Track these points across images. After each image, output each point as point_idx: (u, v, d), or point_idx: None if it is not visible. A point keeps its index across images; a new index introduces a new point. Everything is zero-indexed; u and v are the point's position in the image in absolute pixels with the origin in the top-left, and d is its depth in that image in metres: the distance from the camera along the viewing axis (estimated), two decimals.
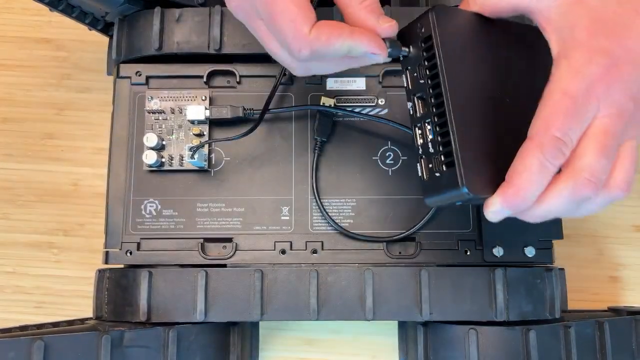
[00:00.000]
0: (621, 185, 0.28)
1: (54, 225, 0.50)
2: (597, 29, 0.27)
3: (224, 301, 0.39)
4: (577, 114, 0.26)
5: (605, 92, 0.27)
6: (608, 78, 0.27)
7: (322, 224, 0.41)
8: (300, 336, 0.47)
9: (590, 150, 0.27)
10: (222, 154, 0.42)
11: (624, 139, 0.28)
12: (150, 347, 0.37)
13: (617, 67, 0.27)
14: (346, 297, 0.39)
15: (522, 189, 0.27)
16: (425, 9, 0.30)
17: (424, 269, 0.39)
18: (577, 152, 0.27)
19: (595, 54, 0.27)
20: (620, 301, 0.49)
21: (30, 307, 0.49)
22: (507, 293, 0.38)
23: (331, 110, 0.41)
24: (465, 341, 0.38)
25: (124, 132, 0.42)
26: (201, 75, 0.42)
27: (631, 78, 0.27)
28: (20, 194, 0.51)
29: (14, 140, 0.52)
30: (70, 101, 0.53)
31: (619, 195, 0.28)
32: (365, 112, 0.41)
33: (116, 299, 0.40)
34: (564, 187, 0.27)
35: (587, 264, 0.49)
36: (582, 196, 0.27)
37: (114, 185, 0.41)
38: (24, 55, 0.54)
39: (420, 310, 0.38)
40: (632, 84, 0.27)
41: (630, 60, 0.27)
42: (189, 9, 0.43)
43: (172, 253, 0.40)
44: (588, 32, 0.27)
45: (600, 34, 0.27)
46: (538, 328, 0.38)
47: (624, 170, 0.28)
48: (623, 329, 0.40)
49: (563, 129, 0.26)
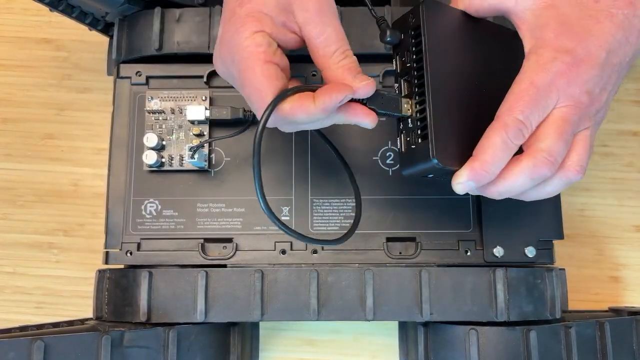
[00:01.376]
0: (576, 167, 0.31)
1: (54, 225, 0.50)
2: (563, 31, 0.31)
3: (224, 301, 0.39)
4: (538, 102, 0.30)
5: (565, 86, 0.30)
6: (569, 74, 0.30)
7: (323, 224, 0.41)
8: (300, 336, 0.47)
9: (550, 134, 0.30)
10: (223, 154, 0.42)
11: (579, 128, 0.31)
12: (151, 347, 0.37)
13: (577, 65, 0.30)
14: (346, 298, 0.39)
15: (486, 162, 0.30)
16: None
17: (425, 269, 0.39)
18: (537, 135, 0.31)
19: (560, 53, 0.31)
20: (620, 301, 0.49)
21: (30, 308, 0.49)
22: (508, 293, 0.38)
23: None
24: (465, 341, 0.38)
25: (124, 132, 0.42)
26: (201, 76, 0.42)
27: (588, 76, 0.31)
28: (20, 194, 0.51)
29: (14, 140, 0.52)
30: (71, 101, 0.53)
31: (574, 176, 0.31)
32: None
33: (116, 299, 0.40)
34: (525, 165, 0.30)
35: (587, 264, 0.49)
36: (540, 174, 0.30)
37: (114, 185, 0.41)
38: (24, 55, 0.54)
39: (420, 311, 0.38)
40: (589, 81, 0.31)
41: (589, 61, 0.31)
42: (189, 9, 0.43)
43: (172, 253, 0.40)
44: (555, 34, 0.31)
45: (566, 36, 0.31)
46: (539, 328, 0.38)
47: (578, 155, 0.31)
48: (624, 329, 0.40)
49: (525, 113, 0.30)
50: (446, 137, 0.31)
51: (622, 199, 0.50)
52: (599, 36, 0.31)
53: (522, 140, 0.31)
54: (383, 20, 0.35)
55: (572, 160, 0.31)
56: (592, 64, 0.31)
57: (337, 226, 0.41)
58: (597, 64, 0.31)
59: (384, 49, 0.42)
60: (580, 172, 0.31)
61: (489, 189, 0.32)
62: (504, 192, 0.32)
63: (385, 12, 0.42)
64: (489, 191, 0.32)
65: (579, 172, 0.31)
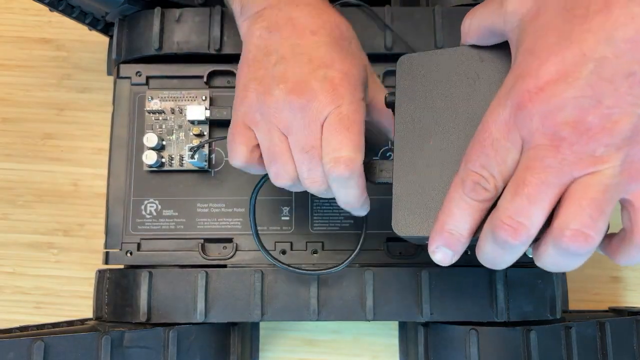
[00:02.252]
0: (567, 232, 0.22)
1: (54, 225, 0.50)
2: (533, 48, 0.24)
3: (224, 302, 0.39)
4: (492, 147, 0.24)
5: (529, 120, 0.23)
6: (530, 104, 0.23)
7: (323, 224, 0.41)
8: (300, 336, 0.47)
9: (508, 189, 0.24)
10: (223, 154, 0.42)
11: (570, 175, 0.22)
12: (151, 347, 0.37)
13: (542, 90, 0.22)
14: (346, 298, 0.39)
15: (445, 222, 0.26)
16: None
17: (425, 269, 0.39)
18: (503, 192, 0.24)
19: (522, 78, 0.23)
20: (621, 301, 0.49)
21: (30, 308, 0.49)
22: (508, 293, 0.38)
23: None
24: (465, 342, 0.38)
25: (124, 132, 0.42)
26: (201, 76, 0.42)
27: (563, 100, 0.22)
28: (20, 194, 0.51)
29: (14, 140, 0.52)
30: (70, 101, 0.53)
31: (568, 243, 0.23)
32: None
33: (116, 299, 0.40)
34: (486, 229, 0.25)
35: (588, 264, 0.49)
36: (502, 241, 0.24)
37: (114, 185, 0.41)
38: (24, 55, 0.54)
39: (420, 311, 0.38)
40: (566, 107, 0.22)
41: (562, 80, 0.22)
42: (189, 9, 0.43)
43: (172, 253, 0.40)
44: (525, 54, 0.24)
45: (536, 54, 0.23)
46: (539, 328, 0.38)
47: (569, 213, 0.22)
48: (624, 330, 0.40)
49: (479, 162, 0.24)
50: (415, 204, 0.28)
51: None
52: (582, 40, 0.22)
53: (484, 195, 0.25)
54: None
55: (560, 221, 0.23)
56: (567, 82, 0.22)
57: (337, 226, 0.41)
58: (577, 80, 0.22)
59: (384, 49, 0.42)
60: (575, 237, 0.22)
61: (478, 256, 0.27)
62: (483, 260, 0.27)
63: (385, 12, 0.42)
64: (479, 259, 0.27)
65: (574, 238, 0.22)
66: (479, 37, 0.28)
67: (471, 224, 0.25)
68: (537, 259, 0.25)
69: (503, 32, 0.26)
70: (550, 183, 0.23)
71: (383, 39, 0.42)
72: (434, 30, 0.42)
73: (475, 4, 0.43)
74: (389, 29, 0.42)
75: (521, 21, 0.25)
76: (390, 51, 0.42)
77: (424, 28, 0.42)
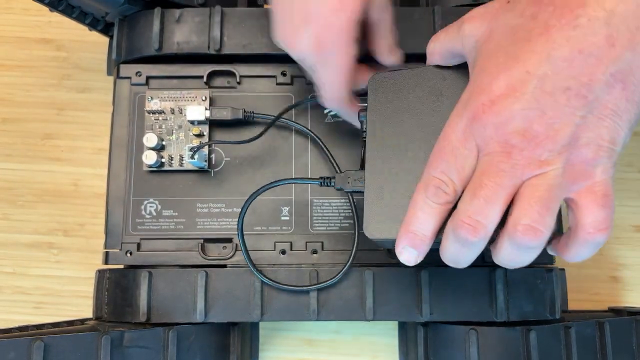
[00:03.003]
0: (519, 227, 0.25)
1: (54, 225, 0.50)
2: (485, 66, 0.27)
3: (224, 301, 0.39)
4: (453, 154, 0.27)
5: (482, 130, 0.26)
6: (483, 116, 0.25)
7: (323, 224, 0.41)
8: (300, 336, 0.47)
9: (467, 192, 0.27)
10: (222, 155, 0.42)
11: (522, 177, 0.25)
12: (150, 347, 0.37)
13: (494, 103, 0.25)
14: (346, 298, 0.39)
15: (409, 224, 0.28)
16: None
17: (424, 270, 0.39)
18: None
19: (475, 94, 0.26)
20: (620, 301, 0.49)
21: (30, 308, 0.49)
22: (508, 293, 0.38)
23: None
24: (465, 341, 0.38)
25: (124, 132, 0.42)
26: (201, 76, 0.42)
27: (511, 112, 0.25)
28: (20, 194, 0.51)
29: (14, 140, 0.52)
30: (70, 101, 0.53)
31: (521, 237, 0.25)
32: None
33: (116, 299, 0.40)
34: (448, 229, 0.28)
35: (587, 264, 0.49)
36: (463, 239, 0.27)
37: (114, 185, 0.41)
38: (24, 55, 0.54)
39: (420, 311, 0.38)
40: (514, 118, 0.25)
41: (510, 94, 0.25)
42: (189, 10, 0.43)
43: (172, 253, 0.40)
44: (478, 72, 0.27)
45: (487, 72, 0.26)
46: (538, 328, 0.38)
47: (520, 210, 0.25)
48: (624, 330, 0.40)
49: (439, 168, 0.27)
50: (384, 210, 0.31)
51: (622, 199, 0.50)
52: (526, 60, 0.25)
53: (445, 198, 0.27)
54: None
55: (513, 218, 0.26)
56: (515, 96, 0.25)
57: (337, 226, 0.41)
58: (523, 94, 0.25)
59: None
60: (526, 231, 0.25)
61: (441, 255, 0.29)
62: (447, 258, 0.29)
63: None
64: (443, 258, 0.29)
65: (525, 232, 0.25)
66: (441, 58, 0.32)
67: (434, 225, 0.28)
68: (495, 256, 0.28)
69: (462, 53, 0.30)
70: (504, 185, 0.25)
71: None
72: (434, 31, 0.42)
73: (474, 4, 0.44)
74: None
75: (476, 43, 0.28)
76: None
77: (423, 28, 0.42)
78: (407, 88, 0.32)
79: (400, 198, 0.31)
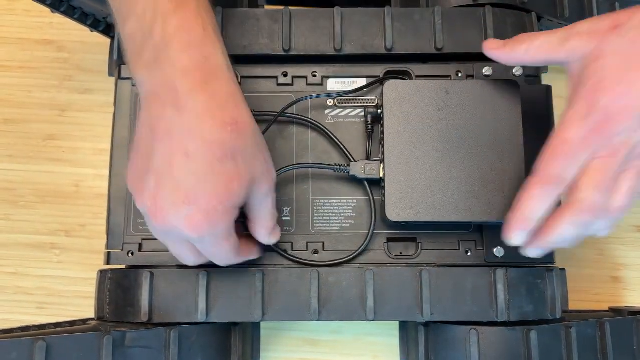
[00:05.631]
0: (616, 209, 0.33)
1: (56, 226, 0.50)
2: (602, 87, 0.32)
3: (226, 302, 0.39)
4: (573, 156, 0.33)
5: (599, 140, 0.32)
6: (602, 129, 0.32)
7: (324, 224, 0.41)
8: (301, 336, 0.47)
9: (588, 185, 0.32)
10: None
11: (621, 171, 0.33)
12: (152, 347, 0.37)
13: (609, 121, 0.32)
14: (347, 298, 0.39)
15: (526, 211, 0.34)
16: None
17: (425, 270, 0.39)
18: (577, 186, 0.33)
19: (593, 110, 0.32)
20: (621, 301, 0.49)
21: (32, 308, 0.49)
22: (508, 293, 0.38)
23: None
24: (466, 341, 0.38)
25: (125, 133, 0.42)
26: None
27: (622, 128, 0.32)
28: (22, 195, 0.51)
29: (16, 141, 0.52)
30: (72, 102, 0.53)
31: (615, 216, 0.33)
32: (365, 112, 0.41)
33: (118, 299, 0.40)
34: (568, 216, 0.33)
35: (588, 264, 0.49)
36: (582, 222, 0.33)
37: (116, 186, 0.41)
38: (26, 56, 0.54)
39: (421, 311, 0.38)
40: (623, 132, 0.32)
41: (622, 114, 0.32)
42: None
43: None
44: (594, 89, 0.32)
45: (602, 93, 0.32)
46: (539, 328, 0.38)
47: (620, 195, 0.33)
48: (624, 330, 0.40)
49: (560, 168, 0.33)
50: (403, 197, 0.37)
51: None
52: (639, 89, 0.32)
53: (559, 191, 0.33)
54: None
55: (614, 203, 0.33)
56: (626, 116, 0.32)
57: (337, 226, 0.41)
58: (631, 116, 0.32)
59: (384, 49, 0.42)
60: (620, 211, 0.33)
61: (542, 240, 0.34)
62: (554, 242, 0.34)
63: (385, 13, 0.42)
64: (542, 243, 0.34)
65: (619, 212, 0.33)
66: (534, 59, 0.36)
67: (545, 213, 0.33)
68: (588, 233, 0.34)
69: (562, 62, 0.35)
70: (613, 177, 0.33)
71: (383, 40, 0.42)
72: (434, 31, 0.42)
73: (474, 4, 0.44)
74: (389, 30, 0.42)
75: (583, 59, 0.33)
76: (390, 52, 0.42)
77: (424, 29, 0.42)
78: (416, 97, 0.39)
79: (417, 187, 0.38)
